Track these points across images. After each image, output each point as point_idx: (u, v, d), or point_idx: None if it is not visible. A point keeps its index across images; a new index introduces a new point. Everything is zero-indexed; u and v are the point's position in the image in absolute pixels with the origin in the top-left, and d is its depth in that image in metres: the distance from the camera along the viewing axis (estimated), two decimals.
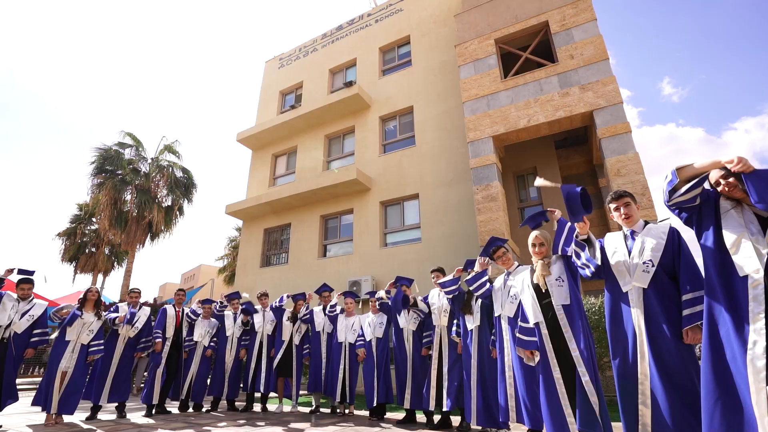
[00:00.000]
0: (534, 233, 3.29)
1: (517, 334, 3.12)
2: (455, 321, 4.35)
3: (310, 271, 11.06)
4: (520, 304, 3.29)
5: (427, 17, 12.54)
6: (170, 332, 5.82)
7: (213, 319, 6.37)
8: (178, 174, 16.58)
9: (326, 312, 6.05)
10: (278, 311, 6.29)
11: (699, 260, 2.36)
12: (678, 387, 2.23)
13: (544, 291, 3.09)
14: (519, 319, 3.21)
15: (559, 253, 3.10)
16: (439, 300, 4.69)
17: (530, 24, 9.21)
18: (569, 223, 2.98)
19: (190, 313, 6.06)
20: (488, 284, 3.80)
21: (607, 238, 2.86)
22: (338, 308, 6.08)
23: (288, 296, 6.49)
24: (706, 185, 2.19)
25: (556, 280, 3.06)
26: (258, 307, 6.47)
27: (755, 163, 2.23)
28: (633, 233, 2.69)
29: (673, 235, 2.53)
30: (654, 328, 2.37)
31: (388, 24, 13.33)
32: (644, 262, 2.51)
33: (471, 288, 3.88)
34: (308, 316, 6.13)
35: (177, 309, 6.06)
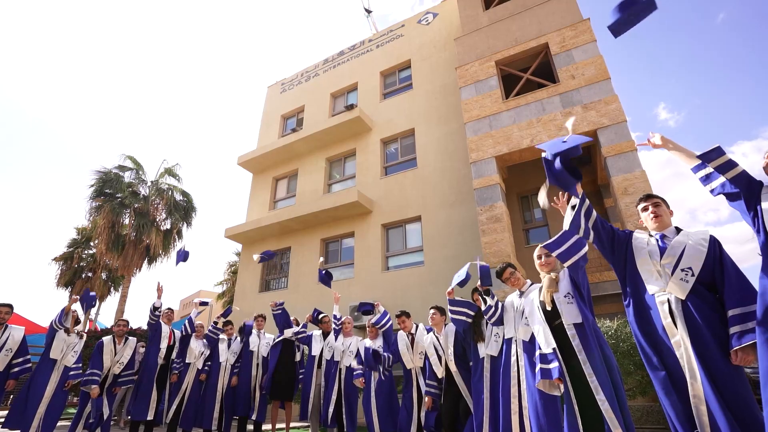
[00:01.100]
0: (540, 245, 3.06)
1: (539, 365, 2.77)
2: (450, 350, 4.05)
3: (310, 296, 10.76)
4: None
5: (427, 42, 12.70)
6: (164, 345, 5.54)
7: (205, 341, 6.07)
8: (178, 197, 16.48)
9: (336, 322, 5.76)
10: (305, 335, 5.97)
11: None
12: (737, 415, 1.92)
13: (550, 309, 2.80)
14: (536, 346, 2.88)
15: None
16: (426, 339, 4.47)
17: (530, 46, 9.25)
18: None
19: (187, 326, 5.80)
20: (500, 310, 3.56)
21: (635, 234, 2.56)
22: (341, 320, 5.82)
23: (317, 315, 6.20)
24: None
25: (565, 296, 2.75)
26: (254, 331, 6.18)
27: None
28: (663, 237, 2.41)
29: (714, 243, 2.25)
30: (701, 345, 2.05)
31: (388, 49, 13.50)
32: (683, 270, 2.20)
33: (487, 317, 3.62)
34: (304, 336, 5.83)
35: (169, 327, 5.80)
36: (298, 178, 13.19)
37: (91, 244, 17.76)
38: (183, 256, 6.57)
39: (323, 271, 6.50)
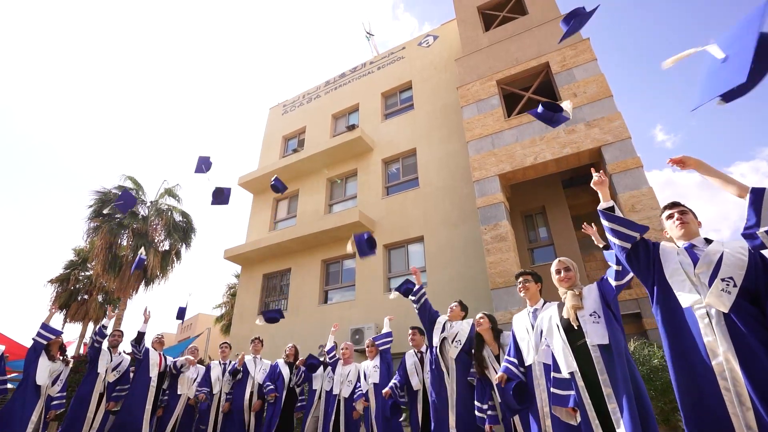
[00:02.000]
0: (558, 258, 2.83)
1: (552, 389, 2.55)
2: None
3: (310, 319, 10.48)
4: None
5: (428, 63, 12.82)
6: (153, 373, 5.21)
7: (200, 366, 5.77)
8: (177, 218, 16.31)
9: (328, 356, 5.47)
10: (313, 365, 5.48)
11: None
12: None
13: (576, 328, 2.51)
14: (552, 369, 2.62)
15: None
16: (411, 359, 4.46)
17: (531, 65, 9.28)
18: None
19: (172, 367, 5.48)
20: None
21: (662, 244, 2.33)
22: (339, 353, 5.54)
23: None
24: None
25: (591, 315, 2.48)
26: (249, 356, 5.86)
27: None
28: (692, 247, 2.18)
29: (755, 252, 2.01)
30: (754, 367, 1.77)
31: (389, 70, 13.62)
32: (723, 280, 1.94)
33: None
34: (304, 375, 5.52)
35: (159, 352, 5.49)
36: (299, 198, 13.08)
37: (89, 266, 17.50)
38: (205, 164, 6.03)
39: (365, 236, 5.34)
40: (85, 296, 18.07)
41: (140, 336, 5.20)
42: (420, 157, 11.23)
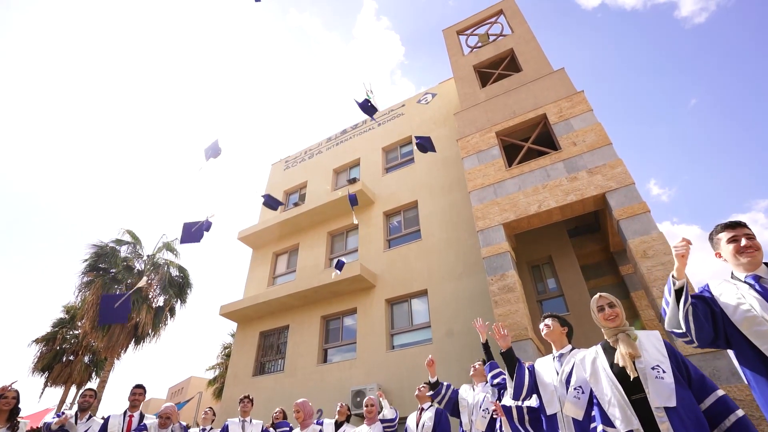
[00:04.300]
0: (599, 294, 2.38)
1: None
2: None
3: (309, 380, 9.81)
4: (592, 401, 2.22)
5: (427, 119, 13.16)
6: None
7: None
8: (174, 273, 15.88)
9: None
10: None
11: None
12: None
13: (632, 380, 2.03)
14: (597, 424, 2.11)
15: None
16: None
17: (528, 117, 9.45)
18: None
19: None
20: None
21: (715, 285, 1.92)
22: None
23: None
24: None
25: (653, 368, 2.00)
26: (236, 419, 5.25)
27: None
28: (758, 279, 1.76)
29: None
30: None
31: (390, 126, 13.96)
32: None
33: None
34: None
35: (130, 414, 4.67)
36: (299, 252, 12.83)
37: (78, 324, 16.75)
38: (214, 151, 5.44)
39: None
40: (71, 357, 17.09)
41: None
42: (422, 209, 11.13)
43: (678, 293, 1.84)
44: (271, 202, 6.56)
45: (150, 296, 14.86)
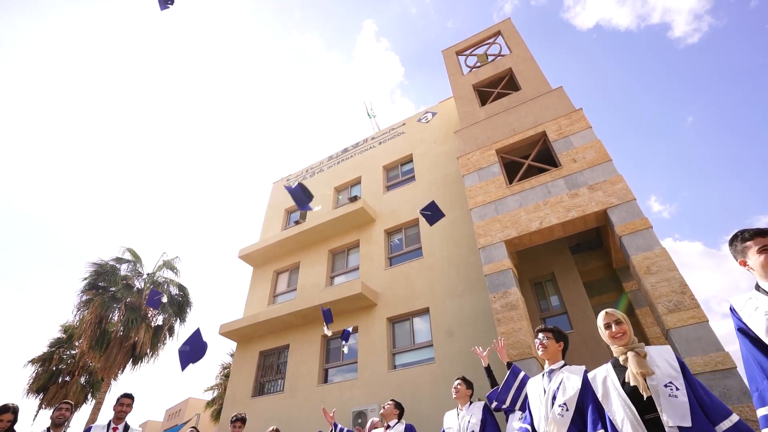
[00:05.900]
0: (605, 310, 2.30)
1: None
2: None
3: (309, 400, 9.61)
4: (594, 419, 2.14)
5: (427, 137, 13.27)
6: None
7: None
8: (174, 291, 15.75)
9: None
10: None
11: None
12: None
13: (645, 399, 1.94)
14: None
15: None
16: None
17: (528, 134, 9.52)
18: None
19: None
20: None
21: (739, 305, 1.77)
22: None
23: None
24: None
25: (666, 386, 1.93)
26: None
27: None
28: None
29: None
30: None
31: (390, 145, 14.07)
32: None
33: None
34: None
35: (114, 426, 4.33)
36: (300, 271, 12.76)
37: (75, 344, 16.51)
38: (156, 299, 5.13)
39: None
40: (67, 378, 16.76)
41: None
42: (423, 227, 11.11)
43: None
44: (300, 195, 5.25)
45: (149, 315, 14.71)
